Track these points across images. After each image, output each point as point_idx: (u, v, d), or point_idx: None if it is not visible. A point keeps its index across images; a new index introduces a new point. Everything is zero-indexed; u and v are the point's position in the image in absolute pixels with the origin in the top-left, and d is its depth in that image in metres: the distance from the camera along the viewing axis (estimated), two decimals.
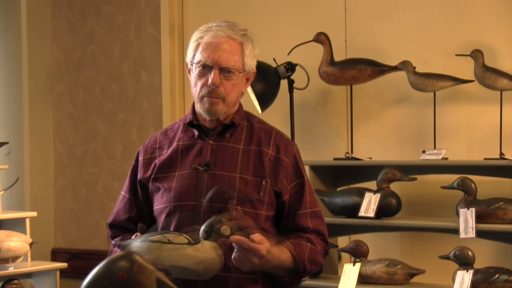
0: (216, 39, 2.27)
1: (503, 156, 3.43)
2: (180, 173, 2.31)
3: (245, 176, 2.29)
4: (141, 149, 2.43)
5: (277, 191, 2.32)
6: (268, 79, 3.88)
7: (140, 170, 2.38)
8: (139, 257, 1.46)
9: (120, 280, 1.43)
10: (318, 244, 2.35)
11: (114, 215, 2.44)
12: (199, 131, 2.36)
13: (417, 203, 3.82)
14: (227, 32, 2.29)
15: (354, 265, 3.34)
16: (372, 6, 4.00)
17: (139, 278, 1.44)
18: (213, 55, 2.26)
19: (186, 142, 2.36)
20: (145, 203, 2.38)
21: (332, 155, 3.96)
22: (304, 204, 2.35)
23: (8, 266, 3.85)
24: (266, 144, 2.35)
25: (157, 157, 2.37)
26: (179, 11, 4.67)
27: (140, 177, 2.37)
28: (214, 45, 2.27)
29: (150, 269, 1.46)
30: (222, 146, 2.33)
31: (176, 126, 2.43)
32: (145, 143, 2.44)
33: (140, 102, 4.78)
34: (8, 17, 5.19)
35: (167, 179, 2.32)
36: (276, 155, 2.34)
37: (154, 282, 1.45)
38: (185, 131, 2.38)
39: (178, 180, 2.30)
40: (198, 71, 2.29)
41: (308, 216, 2.35)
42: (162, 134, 2.43)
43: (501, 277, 3.26)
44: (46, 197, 5.14)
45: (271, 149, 2.34)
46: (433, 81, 3.60)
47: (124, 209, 2.41)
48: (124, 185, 2.44)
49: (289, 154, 2.37)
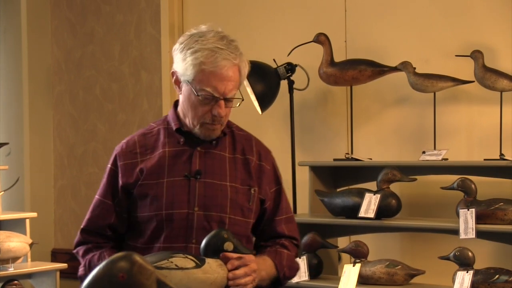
0: (223, 71, 2.20)
1: (503, 157, 3.43)
2: (170, 180, 2.26)
3: (235, 185, 2.29)
4: (119, 153, 2.33)
5: (262, 198, 2.34)
6: (268, 80, 3.88)
7: (121, 175, 2.30)
8: (139, 258, 1.46)
9: (120, 281, 1.43)
10: (292, 249, 2.39)
11: (90, 220, 2.34)
12: (185, 137, 2.31)
13: (417, 203, 3.82)
14: (229, 58, 2.21)
15: (354, 266, 3.33)
16: (372, 6, 4.00)
17: (139, 278, 1.44)
18: (219, 87, 2.21)
19: (173, 148, 2.30)
20: (125, 208, 2.31)
21: (332, 155, 3.96)
22: (280, 210, 2.39)
23: (8, 266, 3.85)
24: (250, 152, 2.36)
25: (139, 162, 2.29)
26: (179, 11, 4.67)
27: (122, 183, 2.29)
28: (219, 76, 2.20)
29: (150, 270, 1.46)
30: (210, 153, 2.31)
31: (155, 131, 2.36)
32: (122, 146, 2.34)
33: (140, 102, 4.78)
34: (8, 17, 5.19)
35: (155, 186, 2.26)
36: (259, 162, 2.36)
37: (154, 282, 1.45)
38: (169, 137, 2.32)
39: (169, 188, 2.26)
40: (203, 98, 2.22)
41: (283, 222, 2.39)
42: (141, 137, 2.35)
43: (501, 277, 3.26)
44: (46, 198, 5.14)
45: (255, 156, 2.36)
46: (433, 81, 3.60)
47: (102, 215, 2.32)
48: (100, 189, 2.35)
49: (269, 161, 2.40)
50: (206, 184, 2.27)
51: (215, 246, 2.11)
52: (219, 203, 2.26)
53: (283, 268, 2.32)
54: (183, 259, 2.08)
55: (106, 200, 2.33)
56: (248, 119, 4.35)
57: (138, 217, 2.29)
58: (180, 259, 2.08)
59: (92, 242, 2.34)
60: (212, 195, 2.26)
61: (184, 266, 2.06)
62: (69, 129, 5.11)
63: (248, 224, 2.33)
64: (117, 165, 2.32)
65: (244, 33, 4.35)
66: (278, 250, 2.34)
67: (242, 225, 2.30)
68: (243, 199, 2.29)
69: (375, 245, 3.82)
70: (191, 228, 2.24)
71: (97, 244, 2.33)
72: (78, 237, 2.36)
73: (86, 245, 2.34)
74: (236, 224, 2.28)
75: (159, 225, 2.26)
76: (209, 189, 2.26)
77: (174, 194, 2.25)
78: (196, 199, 2.25)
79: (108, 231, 2.33)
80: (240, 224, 2.29)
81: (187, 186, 2.26)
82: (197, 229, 2.24)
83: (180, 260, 2.07)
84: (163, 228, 2.25)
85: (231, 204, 2.27)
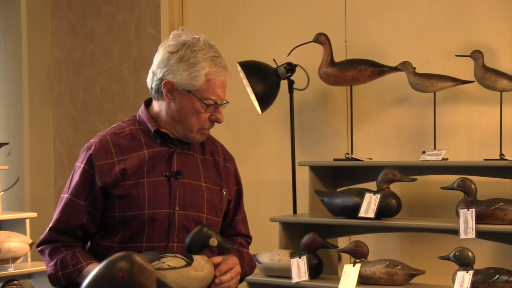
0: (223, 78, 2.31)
1: (503, 157, 3.43)
2: (150, 180, 2.29)
3: (209, 186, 2.37)
4: (92, 153, 2.30)
5: (229, 199, 2.43)
6: (268, 80, 3.88)
7: (99, 176, 2.28)
8: (139, 258, 1.46)
9: (120, 281, 1.43)
10: (247, 247, 2.50)
11: (59, 220, 2.31)
12: (162, 138, 2.35)
13: (417, 203, 3.82)
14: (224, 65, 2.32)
15: (354, 266, 3.33)
16: (372, 6, 4.00)
17: (139, 278, 1.44)
18: (221, 95, 2.32)
19: (152, 149, 2.33)
20: (99, 209, 2.30)
21: (332, 155, 3.96)
22: (240, 209, 2.50)
23: (8, 266, 3.85)
24: (217, 153, 2.44)
25: (116, 162, 2.29)
26: (179, 11, 4.67)
27: (101, 183, 2.27)
28: (221, 85, 2.31)
29: (150, 270, 1.46)
30: (185, 154, 2.37)
31: (127, 130, 2.37)
32: (95, 146, 2.32)
33: (140, 102, 4.71)
34: (8, 17, 5.19)
35: (135, 186, 2.28)
36: (224, 164, 2.44)
37: (154, 282, 1.45)
38: (146, 137, 2.35)
39: (150, 188, 2.29)
40: (207, 106, 2.29)
41: (241, 221, 2.50)
42: (113, 137, 2.34)
43: (501, 277, 3.26)
44: (46, 198, 5.14)
45: (221, 158, 2.44)
46: (433, 81, 3.60)
47: (73, 214, 2.29)
48: (71, 189, 2.31)
49: (231, 162, 2.48)
50: (185, 185, 2.32)
51: (200, 242, 2.19)
52: (198, 204, 2.32)
53: (244, 266, 2.39)
54: (173, 258, 2.15)
55: (78, 200, 2.30)
56: (248, 119, 4.36)
57: (117, 217, 2.30)
58: (171, 258, 2.15)
59: (60, 241, 2.32)
60: (191, 195, 2.32)
61: (176, 266, 2.14)
62: (69, 129, 5.11)
63: (219, 223, 2.42)
64: (93, 165, 2.30)
65: (244, 33, 4.36)
66: (240, 249, 2.43)
67: (216, 225, 2.39)
68: (216, 200, 2.37)
69: (375, 245, 3.82)
70: (173, 227, 2.30)
71: (66, 243, 2.31)
72: (45, 235, 2.33)
73: (53, 244, 2.32)
74: (212, 224, 2.34)
75: (141, 225, 2.28)
76: (188, 190, 2.32)
77: (155, 194, 2.29)
78: (177, 199, 2.30)
79: (78, 231, 2.32)
80: (215, 224, 2.38)
81: (167, 186, 2.30)
82: (178, 228, 2.30)
83: (171, 259, 2.15)
84: (145, 228, 2.28)
85: (207, 204, 2.35)
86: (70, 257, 2.28)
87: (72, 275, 2.27)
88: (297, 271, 3.58)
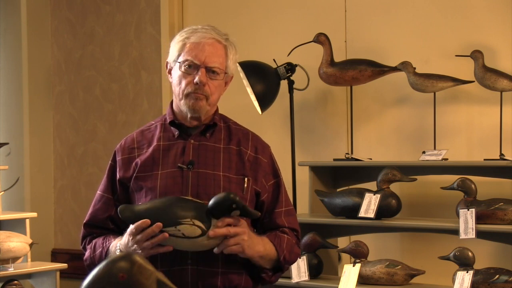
0: (204, 40, 2.36)
1: (503, 157, 3.43)
2: (164, 172, 2.35)
3: (228, 175, 2.36)
4: (118, 149, 2.45)
5: (257, 190, 2.39)
6: (268, 80, 3.88)
7: (119, 169, 2.41)
8: (139, 258, 1.46)
9: (120, 281, 1.43)
10: (292, 237, 2.44)
11: (91, 214, 2.46)
12: (180, 130, 2.41)
13: (417, 203, 3.82)
14: (213, 34, 2.38)
15: (354, 266, 3.33)
16: (372, 6, 4.00)
17: (139, 278, 1.44)
18: (200, 55, 2.34)
19: (166, 141, 2.40)
20: (123, 201, 2.38)
21: (332, 155, 3.96)
22: (280, 203, 2.44)
23: (8, 266, 3.85)
24: (245, 144, 2.43)
25: (136, 156, 2.40)
26: (179, 11, 4.67)
27: (120, 177, 2.40)
28: (201, 46, 2.35)
29: (150, 270, 1.46)
30: (203, 145, 2.39)
31: (153, 127, 2.47)
32: (122, 143, 2.47)
33: (140, 103, 4.78)
34: (8, 17, 5.19)
35: (149, 178, 2.35)
36: (254, 155, 2.42)
37: (154, 282, 1.45)
38: (164, 131, 2.43)
39: (163, 179, 2.34)
40: (185, 69, 2.35)
41: (283, 215, 2.44)
42: (139, 134, 2.47)
43: (501, 277, 3.26)
44: (46, 198, 5.14)
45: (250, 149, 2.43)
46: (433, 81, 3.60)
47: (102, 208, 2.43)
48: (101, 185, 2.47)
49: (266, 155, 2.46)
50: (199, 174, 2.34)
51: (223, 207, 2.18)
52: (212, 192, 2.31)
53: (283, 250, 2.37)
54: (190, 227, 2.17)
55: (107, 194, 2.44)
56: (248, 119, 4.35)
57: None
58: (188, 227, 2.17)
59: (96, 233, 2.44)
60: (204, 184, 2.33)
61: (190, 235, 2.17)
62: (69, 130, 5.11)
63: None
64: (115, 160, 2.43)
65: (244, 33, 4.35)
66: (277, 234, 2.40)
67: None
68: (237, 188, 2.34)
69: (375, 245, 3.82)
70: None
71: (102, 233, 2.43)
72: (82, 231, 2.47)
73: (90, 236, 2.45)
74: None
75: None
76: (202, 179, 2.33)
77: (167, 185, 2.33)
78: (189, 189, 2.32)
79: (110, 224, 2.42)
80: None
81: (180, 176, 2.33)
82: None
83: (187, 228, 2.17)
84: None
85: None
86: (102, 240, 2.39)
87: (102, 254, 2.36)
88: (297, 271, 3.58)
